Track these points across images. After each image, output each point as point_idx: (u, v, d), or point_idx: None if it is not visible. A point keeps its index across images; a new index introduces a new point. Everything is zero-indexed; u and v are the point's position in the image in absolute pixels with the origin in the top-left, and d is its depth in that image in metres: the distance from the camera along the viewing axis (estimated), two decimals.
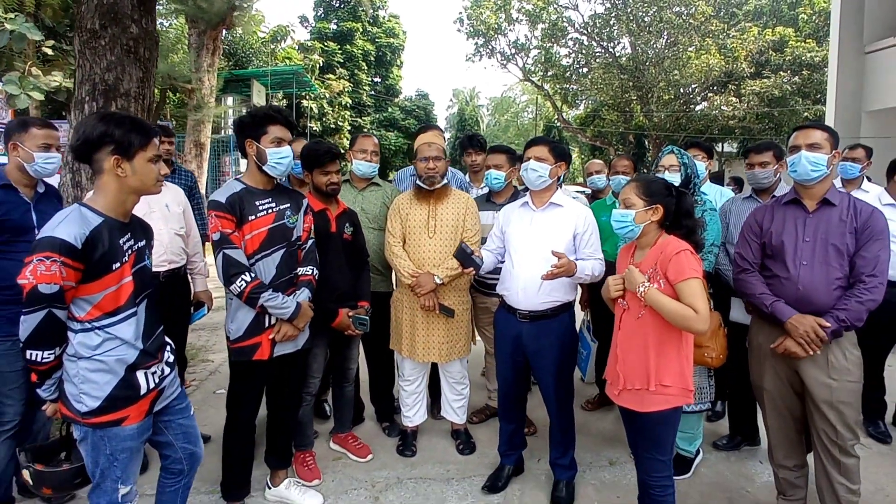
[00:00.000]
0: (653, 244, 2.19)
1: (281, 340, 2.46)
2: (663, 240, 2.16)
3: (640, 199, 2.16)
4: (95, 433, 1.81)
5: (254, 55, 19.58)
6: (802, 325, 2.23)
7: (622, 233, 2.23)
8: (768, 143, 3.14)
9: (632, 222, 2.17)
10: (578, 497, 2.82)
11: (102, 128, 1.78)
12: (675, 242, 2.12)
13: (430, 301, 2.99)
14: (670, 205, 2.16)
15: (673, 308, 2.02)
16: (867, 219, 2.26)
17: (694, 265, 2.05)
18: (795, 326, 2.25)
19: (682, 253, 2.06)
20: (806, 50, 18.36)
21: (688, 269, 2.03)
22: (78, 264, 1.70)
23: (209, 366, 4.84)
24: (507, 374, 2.86)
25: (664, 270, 2.07)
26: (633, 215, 2.16)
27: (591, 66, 23.01)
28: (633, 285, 2.11)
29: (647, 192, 2.16)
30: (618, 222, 2.21)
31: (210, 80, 12.75)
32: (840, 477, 2.31)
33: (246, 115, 2.43)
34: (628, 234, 2.22)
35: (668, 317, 2.04)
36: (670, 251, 2.08)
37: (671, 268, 2.06)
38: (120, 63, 3.83)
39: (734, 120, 18.96)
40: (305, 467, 2.97)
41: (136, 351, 1.85)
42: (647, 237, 2.20)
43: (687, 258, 2.05)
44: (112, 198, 1.83)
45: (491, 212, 3.39)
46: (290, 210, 2.51)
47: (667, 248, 2.11)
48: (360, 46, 28.61)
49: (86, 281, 1.75)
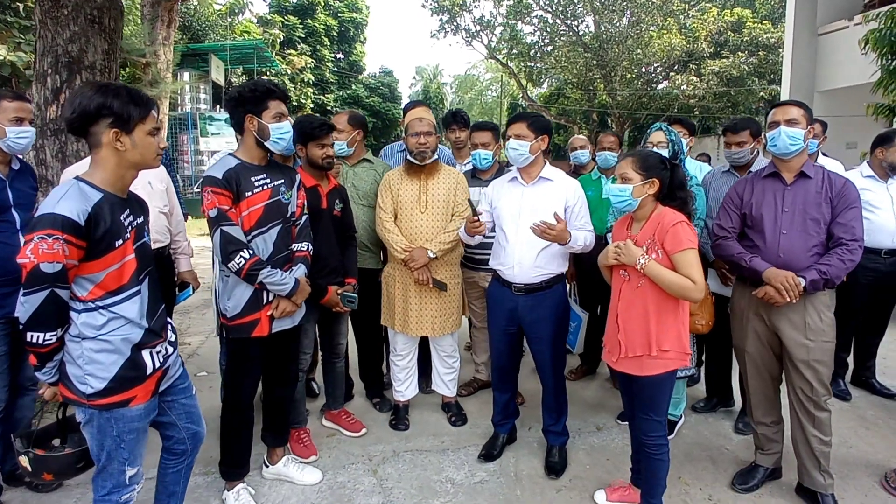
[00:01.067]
0: (649, 216, 2.27)
1: (279, 317, 2.45)
2: (659, 211, 2.25)
3: (637, 173, 2.22)
4: (102, 415, 1.78)
5: (210, 29, 18.87)
6: (778, 274, 2.37)
7: (620, 207, 2.30)
8: (745, 122, 3.21)
9: (630, 196, 2.24)
10: (570, 461, 2.93)
11: (100, 99, 1.71)
12: (671, 214, 2.20)
13: (423, 275, 3.02)
14: (665, 178, 2.24)
15: (672, 279, 2.12)
16: (840, 189, 2.40)
17: (690, 236, 2.14)
18: (773, 276, 2.38)
19: (678, 224, 2.14)
20: (762, 31, 18.85)
21: (685, 239, 2.12)
22: (81, 242, 1.65)
23: (186, 349, 4.77)
24: (502, 347, 2.93)
25: (661, 241, 2.16)
26: (631, 189, 2.23)
27: (556, 44, 23.06)
28: (632, 259, 2.18)
29: (643, 167, 2.23)
30: (616, 196, 2.27)
31: (166, 55, 12.28)
32: (814, 430, 2.48)
33: (244, 88, 2.36)
34: (626, 208, 2.29)
35: (668, 288, 2.14)
36: (667, 222, 2.16)
37: (668, 238, 2.14)
38: (84, 34, 3.69)
39: (694, 99, 19.36)
40: (301, 444, 2.99)
41: (141, 330, 1.82)
42: (644, 210, 2.28)
43: (683, 229, 2.14)
44: (111, 173, 1.77)
45: (477, 188, 3.43)
46: (285, 186, 2.48)
47: (664, 219, 2.19)
48: (321, 21, 27.85)
49: (88, 259, 1.70)
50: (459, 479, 2.81)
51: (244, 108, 2.33)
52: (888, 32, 5.36)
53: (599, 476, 2.82)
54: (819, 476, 2.48)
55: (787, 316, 2.45)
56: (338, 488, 2.73)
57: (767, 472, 2.71)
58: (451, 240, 3.07)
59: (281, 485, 2.75)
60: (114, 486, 1.86)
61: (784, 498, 2.62)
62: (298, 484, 2.75)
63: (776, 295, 2.37)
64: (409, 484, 2.77)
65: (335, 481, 2.79)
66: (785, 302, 2.36)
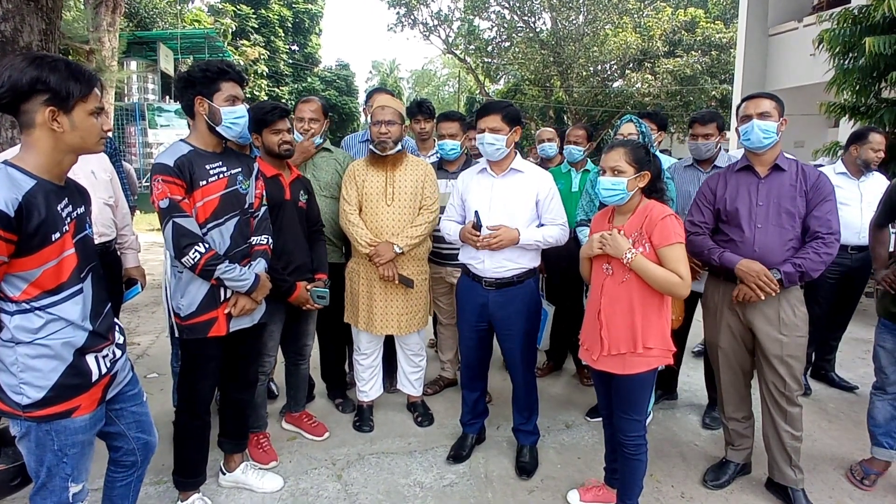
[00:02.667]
0: (634, 209, 2.19)
1: (238, 315, 2.28)
2: (645, 204, 2.17)
3: (630, 165, 2.13)
4: (40, 427, 1.59)
5: (158, 16, 18.17)
6: (751, 268, 2.35)
7: (612, 200, 2.18)
8: (712, 114, 3.22)
9: (624, 190, 2.13)
10: (541, 461, 2.86)
11: (34, 73, 1.48)
12: (659, 207, 2.13)
13: (389, 271, 2.89)
14: (653, 169, 2.16)
15: (659, 274, 2.05)
16: (815, 182, 2.39)
17: (678, 231, 2.08)
18: (745, 271, 2.36)
19: (668, 218, 2.07)
20: (715, 31, 19.40)
21: (673, 234, 2.06)
22: (10, 235, 1.44)
23: (135, 349, 4.51)
24: (471, 343, 2.83)
25: (649, 234, 2.08)
26: (625, 183, 2.13)
27: (513, 40, 23.20)
28: (619, 252, 2.09)
29: (635, 159, 2.14)
30: (608, 190, 2.16)
31: (111, 42, 11.70)
32: (786, 425, 2.47)
33: (195, 68, 2.17)
34: (618, 202, 2.18)
35: (655, 283, 2.06)
36: (656, 216, 2.09)
37: (657, 232, 2.07)
38: (18, 11, 3.42)
39: (649, 97, 19.75)
40: (260, 449, 2.82)
41: (84, 332, 1.63)
42: (631, 202, 2.19)
43: (672, 223, 2.07)
44: (46, 157, 1.56)
45: (444, 180, 3.32)
46: (242, 175, 2.30)
47: (651, 212, 2.11)
48: (276, 11, 27.14)
49: (20, 255, 1.49)
50: (428, 482, 2.71)
51: (194, 89, 2.14)
52: (841, 32, 5.52)
53: (571, 475, 2.76)
54: (790, 471, 2.48)
55: (762, 310, 2.43)
56: (300, 495, 2.59)
57: (738, 467, 2.70)
58: (419, 234, 2.95)
59: (239, 493, 2.59)
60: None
61: (754, 493, 2.62)
62: (258, 492, 2.59)
63: (751, 294, 2.36)
64: (376, 489, 2.64)
65: (297, 488, 2.64)
66: (760, 300, 2.34)
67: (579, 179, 3.70)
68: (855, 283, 3.68)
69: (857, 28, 5.55)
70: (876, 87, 5.73)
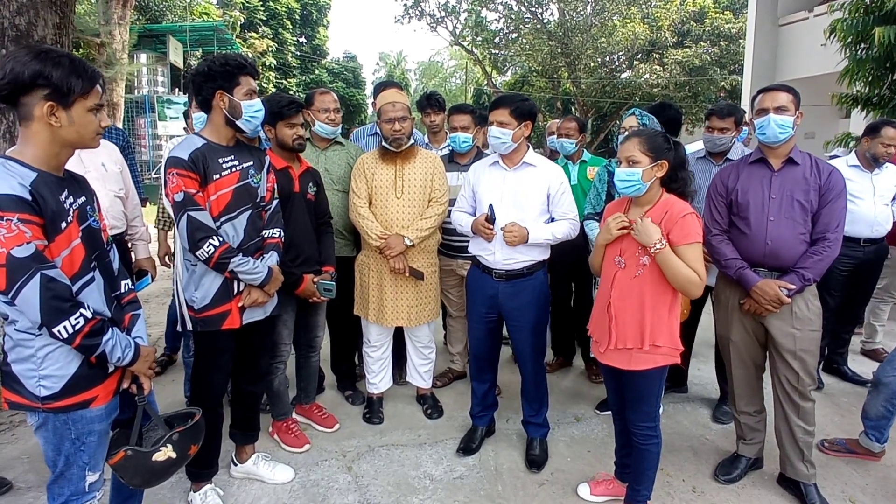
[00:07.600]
0: (654, 202, 2.14)
1: (250, 307, 2.29)
2: (666, 199, 2.12)
3: (645, 155, 2.07)
4: (58, 417, 1.61)
5: (168, 9, 18.20)
6: (766, 293, 2.36)
7: (628, 192, 2.13)
8: (731, 108, 3.14)
9: (639, 181, 2.08)
10: (551, 454, 2.86)
11: (36, 66, 1.48)
12: (679, 204, 2.08)
13: (399, 263, 2.89)
14: (672, 158, 2.09)
15: (681, 270, 2.00)
16: (829, 177, 2.36)
17: (698, 229, 2.04)
18: (760, 296, 2.39)
19: (688, 216, 2.03)
20: (724, 21, 19.16)
21: (693, 232, 2.02)
22: (37, 218, 1.46)
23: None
24: (481, 335, 2.83)
25: (668, 231, 2.04)
26: (640, 173, 2.07)
27: (521, 31, 23.01)
28: (650, 240, 2.03)
29: (652, 148, 2.07)
30: (623, 182, 2.10)
31: (122, 35, 11.76)
32: (798, 420, 2.46)
33: (214, 62, 2.16)
34: (635, 193, 2.12)
35: (674, 279, 2.02)
36: (677, 212, 2.05)
37: (676, 229, 2.02)
38: (33, 6, 3.43)
39: (657, 88, 19.59)
40: (291, 434, 2.90)
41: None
42: (650, 194, 2.13)
43: (693, 221, 2.03)
44: (43, 150, 1.56)
45: (455, 172, 3.32)
46: (254, 168, 2.31)
47: (673, 208, 2.07)
48: (284, 3, 27.07)
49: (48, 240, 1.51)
50: (438, 474, 2.72)
51: (214, 83, 2.14)
52: (855, 22, 5.43)
53: (581, 469, 2.76)
54: (802, 466, 2.47)
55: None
56: (311, 486, 2.61)
57: (749, 462, 2.69)
58: (429, 227, 2.94)
59: (251, 484, 2.61)
60: (72, 493, 1.69)
61: (766, 488, 2.61)
62: (269, 483, 2.62)
63: (762, 310, 2.42)
64: (386, 480, 2.66)
65: (308, 479, 2.66)
66: (771, 311, 2.42)
67: (577, 171, 3.69)
68: (867, 276, 3.66)
69: (869, 18, 5.46)
70: (889, 78, 5.65)
